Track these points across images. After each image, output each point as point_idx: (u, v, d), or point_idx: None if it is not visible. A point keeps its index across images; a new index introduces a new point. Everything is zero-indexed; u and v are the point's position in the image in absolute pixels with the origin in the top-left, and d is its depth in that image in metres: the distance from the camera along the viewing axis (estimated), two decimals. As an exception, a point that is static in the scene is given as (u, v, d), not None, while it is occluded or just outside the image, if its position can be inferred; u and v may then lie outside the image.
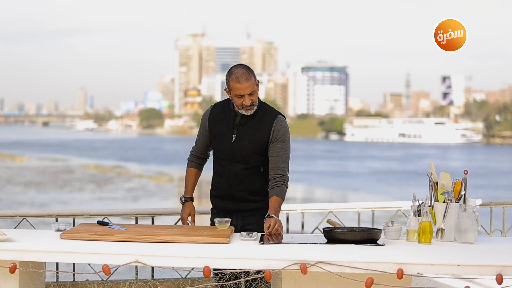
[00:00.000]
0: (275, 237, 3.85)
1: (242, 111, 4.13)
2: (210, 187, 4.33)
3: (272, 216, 4.00)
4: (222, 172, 4.22)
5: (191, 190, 4.37)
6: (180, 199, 4.35)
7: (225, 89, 4.22)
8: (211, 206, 4.40)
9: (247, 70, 4.11)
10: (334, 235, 3.70)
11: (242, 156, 4.16)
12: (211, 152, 4.37)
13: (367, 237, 3.69)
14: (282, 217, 5.21)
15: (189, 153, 4.42)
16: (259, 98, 4.20)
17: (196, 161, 4.40)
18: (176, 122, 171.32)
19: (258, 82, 4.15)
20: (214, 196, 4.30)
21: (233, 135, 4.16)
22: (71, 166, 57.53)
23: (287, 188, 4.17)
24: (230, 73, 4.14)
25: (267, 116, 4.18)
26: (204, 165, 4.51)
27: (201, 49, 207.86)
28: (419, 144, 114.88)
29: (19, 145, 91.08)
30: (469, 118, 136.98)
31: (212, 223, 4.21)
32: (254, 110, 4.13)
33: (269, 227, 3.92)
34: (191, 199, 4.36)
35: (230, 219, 4.03)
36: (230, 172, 4.18)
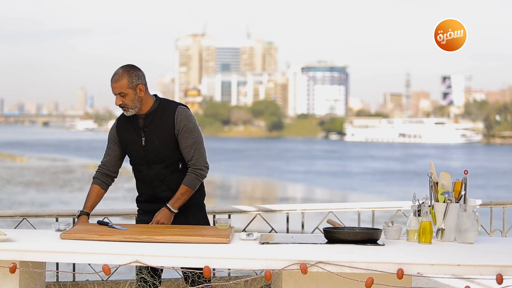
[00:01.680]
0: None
1: (125, 112, 4.19)
2: (137, 193, 4.37)
3: (164, 209, 4.15)
4: (142, 177, 4.24)
5: (90, 206, 4.24)
6: (78, 211, 4.21)
7: None
8: (213, 207, 4.40)
9: (123, 70, 4.15)
10: (334, 235, 3.70)
11: (156, 156, 4.18)
12: (119, 170, 4.37)
13: (367, 237, 3.69)
14: (282, 217, 5.24)
15: (95, 172, 4.34)
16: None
17: (101, 178, 4.32)
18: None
19: (142, 86, 4.14)
20: (140, 201, 4.34)
21: (142, 138, 4.18)
22: (71, 166, 57.54)
23: (199, 176, 4.23)
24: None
25: (168, 110, 4.19)
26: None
27: (201, 49, 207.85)
28: (419, 144, 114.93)
29: (19, 145, 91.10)
30: (469, 118, 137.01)
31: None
32: (130, 113, 4.15)
33: (157, 221, 4.12)
34: (87, 214, 4.20)
35: (230, 219, 4.03)
36: (150, 175, 4.21)
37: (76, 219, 4.27)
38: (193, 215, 4.23)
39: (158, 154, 4.17)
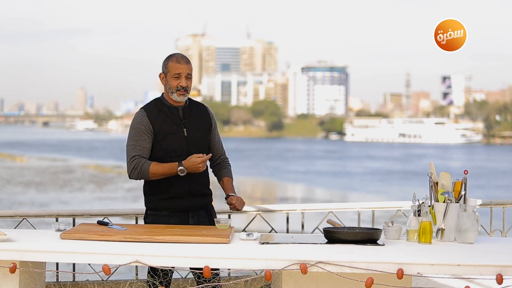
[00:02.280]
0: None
1: (175, 96, 4.15)
2: (155, 192, 4.18)
3: (233, 194, 4.23)
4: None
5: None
6: (181, 170, 4.05)
7: (159, 75, 4.21)
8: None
9: (186, 56, 4.22)
10: (334, 235, 3.70)
11: (197, 148, 4.17)
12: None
13: (367, 237, 3.69)
14: (282, 217, 5.24)
15: (134, 161, 4.12)
16: None
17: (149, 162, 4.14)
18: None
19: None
20: (168, 198, 4.16)
21: (184, 129, 4.16)
22: (71, 166, 57.54)
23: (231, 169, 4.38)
24: (169, 56, 4.20)
25: (200, 106, 4.29)
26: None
27: (201, 49, 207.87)
28: (419, 144, 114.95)
29: (19, 145, 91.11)
30: (469, 118, 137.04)
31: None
32: (186, 98, 4.17)
33: (233, 203, 4.16)
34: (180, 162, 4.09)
35: (230, 219, 4.03)
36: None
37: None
38: (213, 210, 4.31)
39: (199, 146, 4.19)
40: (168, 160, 4.11)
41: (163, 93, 4.28)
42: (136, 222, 4.96)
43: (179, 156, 4.11)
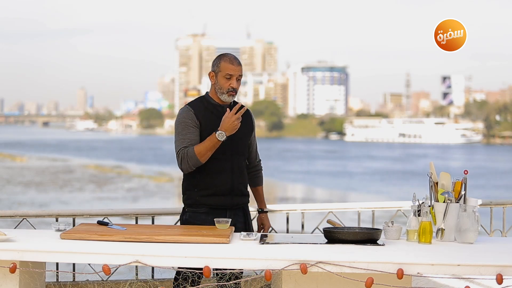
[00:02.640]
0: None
1: (224, 96, 4.15)
2: (196, 188, 4.16)
3: (266, 212, 4.37)
4: (222, 168, 4.15)
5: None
6: (220, 134, 4.03)
7: (209, 74, 4.20)
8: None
9: (238, 58, 4.20)
10: (334, 235, 3.70)
11: (240, 147, 4.22)
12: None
13: (367, 237, 3.69)
14: (282, 217, 5.24)
15: (181, 153, 4.08)
16: None
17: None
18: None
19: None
20: (209, 194, 4.14)
21: None
22: (71, 166, 57.54)
23: None
24: (221, 56, 4.18)
25: (247, 114, 4.30)
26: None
27: (201, 49, 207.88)
28: (419, 144, 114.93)
29: (19, 145, 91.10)
30: (469, 118, 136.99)
31: (203, 223, 4.14)
32: (234, 98, 4.20)
33: (265, 226, 4.31)
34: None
35: (230, 219, 4.03)
36: (233, 166, 4.18)
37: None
38: (249, 211, 4.35)
39: (243, 145, 4.24)
40: (215, 156, 4.11)
41: (207, 91, 4.27)
42: (136, 222, 4.95)
43: (224, 153, 4.14)
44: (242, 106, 4.14)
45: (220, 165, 4.15)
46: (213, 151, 4.08)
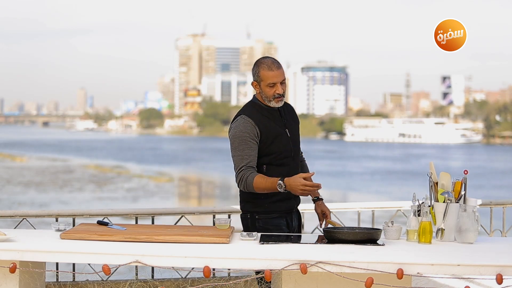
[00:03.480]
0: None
1: (273, 103, 4.06)
2: (264, 196, 4.05)
3: (322, 199, 4.31)
4: (286, 172, 4.05)
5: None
6: (279, 185, 3.92)
7: (252, 83, 4.12)
8: (213, 207, 4.39)
9: (276, 60, 4.08)
10: (334, 235, 3.70)
11: (298, 148, 4.21)
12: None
13: (367, 237, 3.69)
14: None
15: (241, 173, 4.01)
16: None
17: (255, 172, 4.02)
18: (176, 122, 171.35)
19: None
20: (278, 200, 4.06)
21: (286, 130, 4.12)
22: (71, 166, 57.54)
23: None
24: (259, 63, 4.09)
25: (287, 103, 4.22)
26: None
27: (201, 49, 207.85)
28: (419, 144, 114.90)
29: (19, 145, 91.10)
30: (469, 118, 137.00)
31: (265, 230, 4.03)
32: (283, 102, 4.10)
33: (326, 212, 4.22)
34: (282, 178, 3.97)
35: (230, 219, 4.03)
36: (295, 168, 4.14)
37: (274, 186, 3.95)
38: (299, 216, 4.30)
39: (299, 145, 4.21)
40: (276, 162, 4.06)
41: (254, 95, 4.16)
42: (136, 222, 4.95)
43: (288, 158, 4.09)
44: (316, 186, 3.92)
45: (287, 169, 4.08)
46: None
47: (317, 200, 4.31)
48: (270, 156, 4.07)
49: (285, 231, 4.08)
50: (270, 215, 4.08)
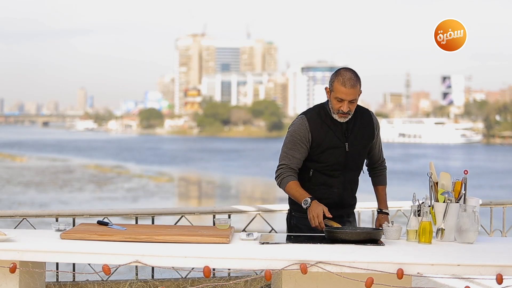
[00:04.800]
0: None
1: (336, 116, 4.00)
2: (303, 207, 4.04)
3: (387, 213, 4.20)
4: (332, 183, 4.05)
5: (308, 193, 4.02)
6: (305, 202, 3.95)
7: (325, 88, 4.07)
8: (213, 207, 4.38)
9: (355, 77, 3.96)
10: (336, 235, 3.69)
11: (356, 163, 4.11)
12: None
13: (368, 237, 3.69)
14: (282, 217, 5.22)
15: (280, 170, 4.07)
16: None
17: (294, 175, 4.06)
18: (176, 122, 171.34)
19: (361, 91, 4.01)
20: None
21: (346, 143, 4.04)
22: (71, 166, 57.55)
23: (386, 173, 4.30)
24: (338, 73, 3.99)
25: (365, 114, 4.14)
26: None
27: (201, 49, 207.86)
28: (419, 144, 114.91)
29: (19, 145, 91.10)
30: (469, 118, 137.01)
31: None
32: (347, 119, 4.02)
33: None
34: (315, 198, 3.99)
35: (230, 219, 4.03)
36: (344, 181, 4.08)
37: (307, 204, 3.95)
38: (354, 218, 4.27)
39: (358, 160, 4.12)
40: (324, 172, 4.05)
41: (328, 99, 4.08)
42: (136, 222, 4.95)
43: (336, 170, 4.06)
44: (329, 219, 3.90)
45: (332, 181, 4.07)
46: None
47: (380, 212, 4.28)
48: (318, 164, 4.06)
49: (318, 232, 4.01)
50: (305, 214, 4.04)
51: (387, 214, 4.27)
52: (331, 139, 4.02)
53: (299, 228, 4.13)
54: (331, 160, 4.04)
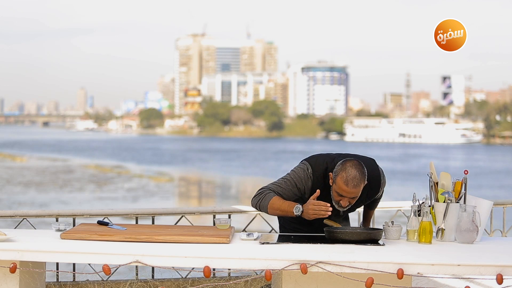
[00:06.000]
0: None
1: (335, 206, 3.90)
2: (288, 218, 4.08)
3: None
4: (321, 220, 3.95)
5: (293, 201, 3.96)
6: (296, 209, 3.88)
7: (329, 174, 3.91)
8: (213, 207, 4.38)
9: (360, 175, 3.80)
10: (336, 235, 3.69)
11: (344, 215, 4.10)
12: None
13: (369, 237, 3.69)
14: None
15: (260, 191, 3.98)
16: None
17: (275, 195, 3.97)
18: (176, 122, 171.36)
19: (366, 183, 3.87)
20: (302, 223, 4.03)
21: (340, 212, 4.00)
22: (71, 166, 57.53)
23: None
24: (343, 168, 3.82)
25: (373, 183, 4.00)
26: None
27: (201, 49, 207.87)
28: (419, 144, 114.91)
29: (19, 145, 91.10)
30: (469, 118, 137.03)
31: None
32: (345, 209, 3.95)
33: None
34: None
35: (230, 219, 4.03)
36: (321, 225, 3.97)
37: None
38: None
39: (347, 213, 4.10)
40: (307, 221, 3.95)
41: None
42: (136, 222, 4.95)
43: (320, 220, 3.93)
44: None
45: (321, 219, 3.95)
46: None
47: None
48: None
49: (317, 232, 4.00)
50: (292, 217, 4.05)
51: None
52: (325, 199, 3.92)
53: (285, 229, 4.13)
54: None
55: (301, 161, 4.05)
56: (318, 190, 3.87)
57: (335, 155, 4.00)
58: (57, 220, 4.75)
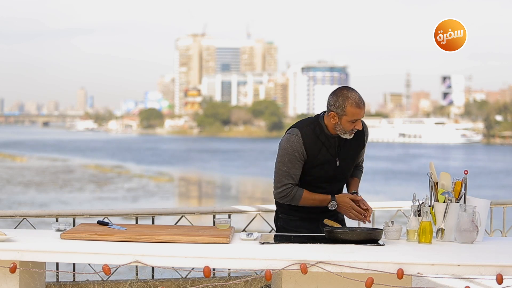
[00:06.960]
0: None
1: (346, 135, 3.99)
2: (290, 209, 4.13)
3: (357, 192, 4.16)
4: (321, 193, 4.06)
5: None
6: (332, 206, 4.04)
7: (329, 114, 3.96)
8: (213, 207, 4.38)
9: (360, 94, 3.97)
10: (336, 235, 3.69)
11: (344, 175, 4.14)
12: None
13: (369, 237, 3.69)
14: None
15: (287, 190, 4.03)
16: None
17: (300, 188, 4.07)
18: (176, 122, 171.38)
19: None
20: (304, 219, 4.11)
21: (337, 159, 4.05)
22: (71, 166, 57.55)
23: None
24: (345, 97, 3.91)
25: (364, 133, 4.15)
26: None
27: (201, 49, 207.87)
28: (419, 144, 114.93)
29: (19, 145, 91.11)
30: (469, 118, 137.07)
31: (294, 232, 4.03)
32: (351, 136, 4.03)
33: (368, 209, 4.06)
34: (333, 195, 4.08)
35: (230, 219, 4.03)
36: (331, 192, 4.08)
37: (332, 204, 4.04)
38: (342, 216, 4.25)
39: (347, 172, 4.14)
40: (314, 184, 4.06)
41: (323, 114, 4.04)
42: (136, 222, 4.95)
43: (328, 182, 4.07)
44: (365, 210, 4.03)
45: (318, 192, 4.07)
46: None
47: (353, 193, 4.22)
48: (307, 177, 4.06)
49: (305, 233, 4.03)
50: (290, 217, 4.13)
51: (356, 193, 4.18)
52: (324, 155, 4.02)
53: (286, 230, 4.14)
54: (321, 174, 4.06)
55: (292, 127, 4.09)
56: (360, 197, 4.05)
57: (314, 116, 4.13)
58: (57, 220, 4.76)
